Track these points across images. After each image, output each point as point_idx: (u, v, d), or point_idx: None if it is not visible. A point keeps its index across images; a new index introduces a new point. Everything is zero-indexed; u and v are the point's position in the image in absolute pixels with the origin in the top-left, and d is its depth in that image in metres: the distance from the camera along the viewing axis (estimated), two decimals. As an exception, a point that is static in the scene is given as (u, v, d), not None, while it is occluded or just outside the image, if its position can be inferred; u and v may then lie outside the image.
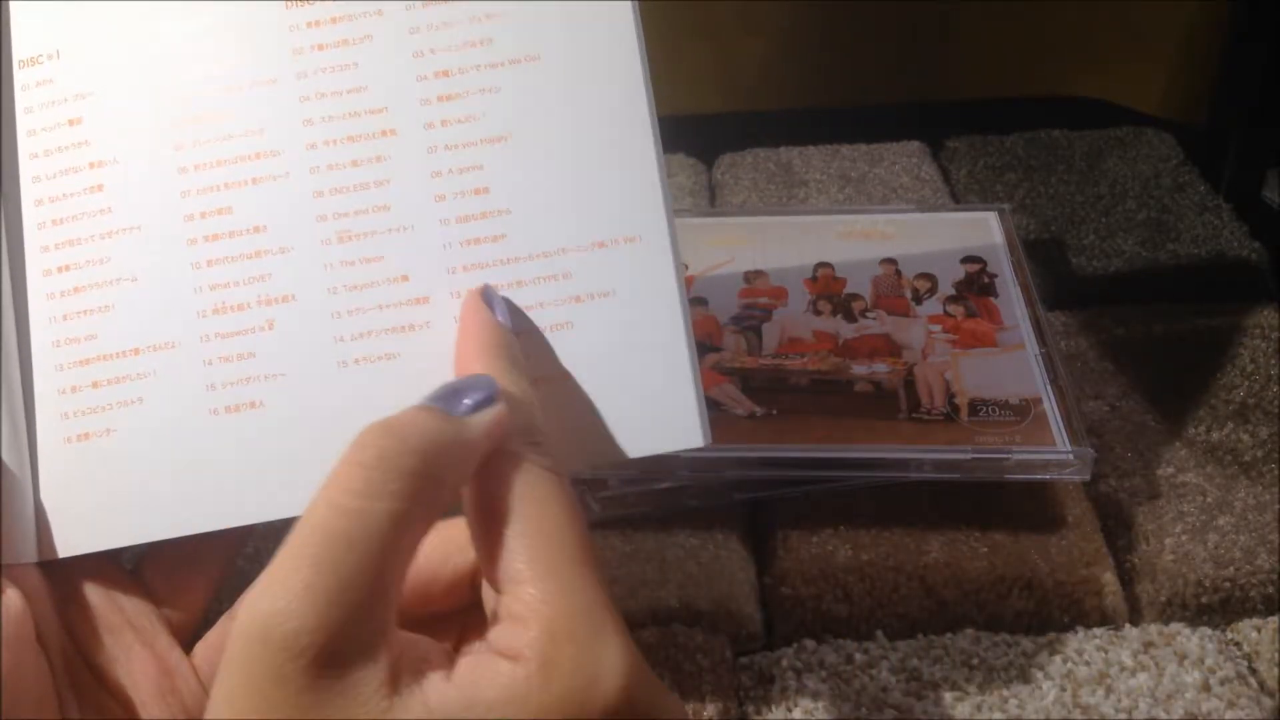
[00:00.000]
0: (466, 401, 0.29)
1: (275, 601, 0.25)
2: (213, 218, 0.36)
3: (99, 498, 0.36)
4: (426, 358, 0.35)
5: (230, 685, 0.26)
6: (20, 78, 0.38)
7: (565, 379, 0.36)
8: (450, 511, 0.30)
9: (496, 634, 0.27)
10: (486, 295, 0.35)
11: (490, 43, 0.36)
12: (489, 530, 0.29)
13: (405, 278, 0.36)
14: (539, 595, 0.27)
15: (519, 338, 0.35)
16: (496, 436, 0.29)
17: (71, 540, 0.36)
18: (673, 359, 0.36)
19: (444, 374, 0.31)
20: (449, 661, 0.27)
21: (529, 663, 0.26)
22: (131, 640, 0.36)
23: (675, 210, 0.36)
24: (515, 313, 0.36)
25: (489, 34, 0.36)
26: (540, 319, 0.36)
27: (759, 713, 0.42)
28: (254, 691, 0.25)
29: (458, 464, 0.29)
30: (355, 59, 0.37)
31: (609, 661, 0.26)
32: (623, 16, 0.36)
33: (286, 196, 0.36)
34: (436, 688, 0.26)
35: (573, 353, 0.36)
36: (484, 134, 0.36)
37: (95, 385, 0.36)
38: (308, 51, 0.37)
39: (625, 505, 0.49)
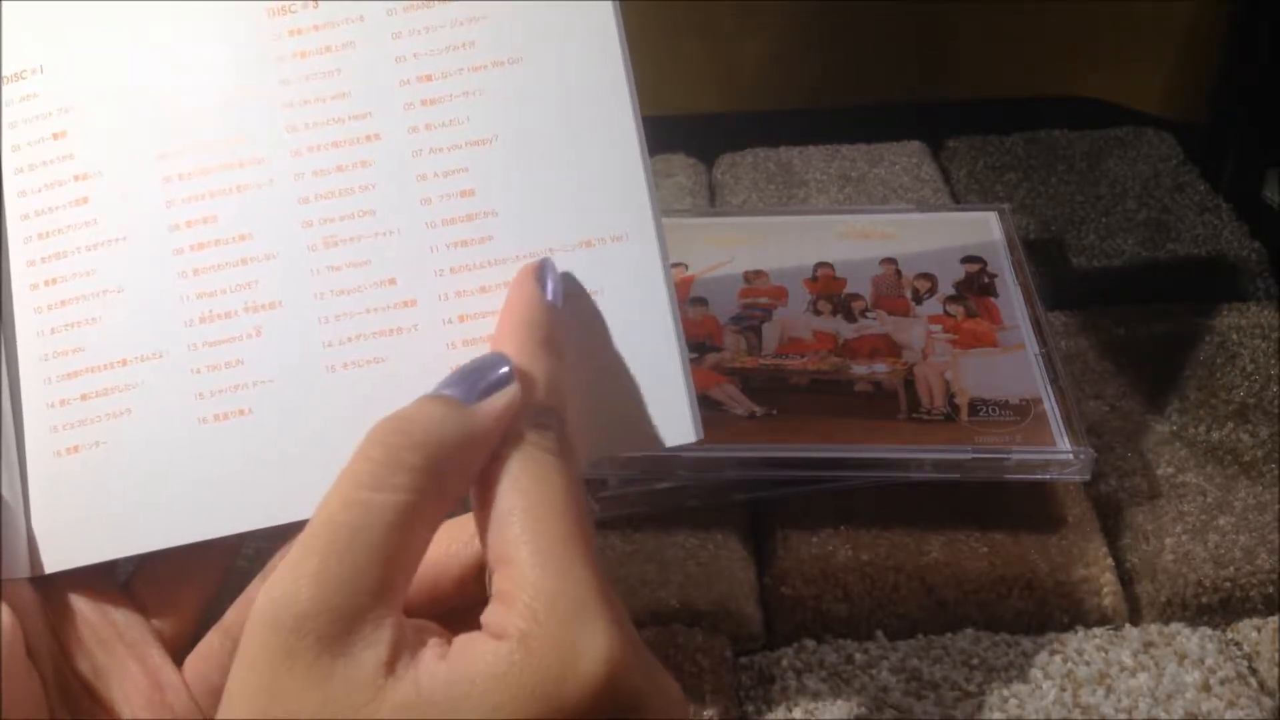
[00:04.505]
0: (480, 385, 0.30)
1: (286, 587, 0.27)
2: (198, 226, 0.36)
3: (90, 511, 0.36)
4: (415, 361, 0.35)
5: (244, 659, 0.27)
6: (4, 93, 0.37)
7: None
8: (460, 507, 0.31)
9: (487, 612, 0.28)
10: (542, 270, 0.35)
11: (472, 46, 0.36)
12: (484, 508, 0.29)
13: (392, 281, 0.36)
14: (525, 574, 0.28)
15: None
16: (508, 421, 0.30)
17: (63, 554, 0.36)
18: (663, 356, 0.35)
19: (433, 377, 0.31)
20: (449, 643, 0.28)
21: (510, 640, 0.27)
22: (123, 654, 0.36)
23: (675, 210, 0.36)
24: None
25: (471, 37, 0.36)
26: None
27: (759, 713, 0.42)
28: (265, 666, 0.27)
29: (465, 454, 0.29)
30: (338, 65, 0.36)
31: (592, 643, 0.27)
32: (603, 17, 0.36)
33: (272, 203, 0.36)
34: (429, 667, 0.27)
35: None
36: (469, 137, 0.36)
37: (84, 398, 0.36)
38: (290, 59, 0.37)
39: (625, 505, 0.49)
